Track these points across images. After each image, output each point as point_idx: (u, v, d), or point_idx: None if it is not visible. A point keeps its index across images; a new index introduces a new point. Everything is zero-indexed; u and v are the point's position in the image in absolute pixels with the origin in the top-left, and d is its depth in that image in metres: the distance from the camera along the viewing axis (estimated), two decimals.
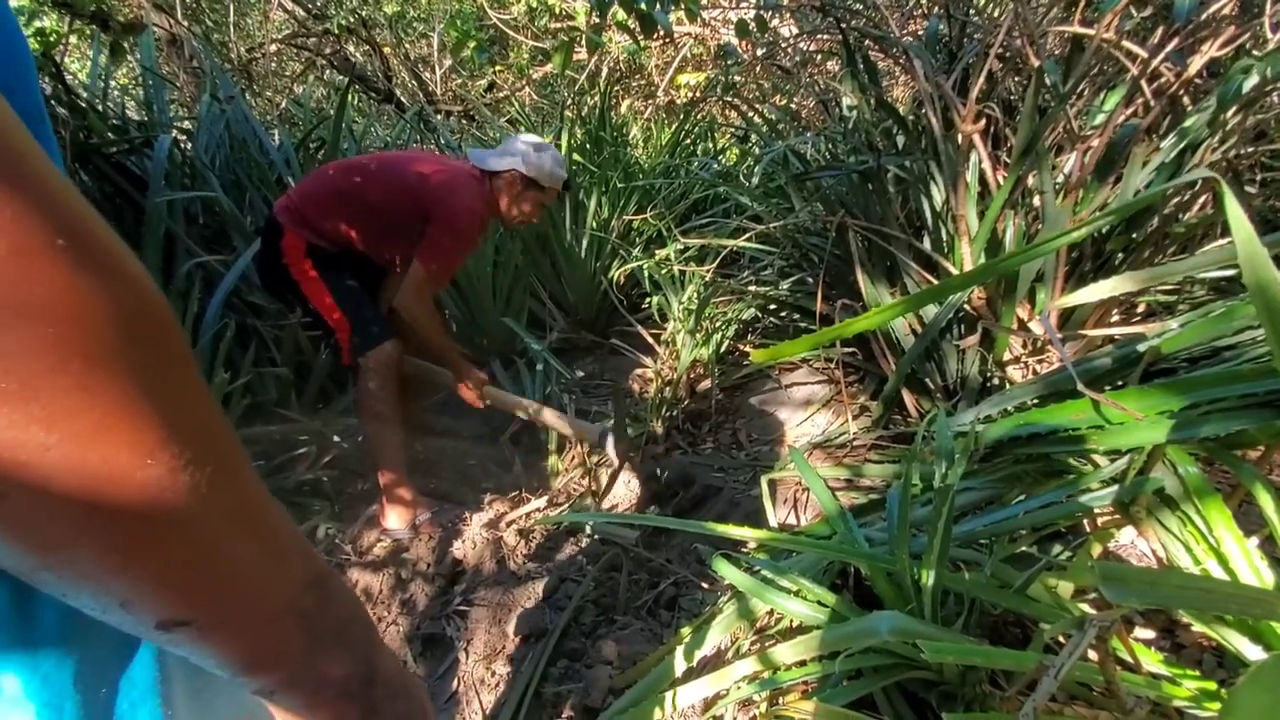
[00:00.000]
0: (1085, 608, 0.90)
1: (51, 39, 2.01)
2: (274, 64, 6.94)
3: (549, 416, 1.93)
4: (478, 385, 1.93)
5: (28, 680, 0.31)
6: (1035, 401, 1.08)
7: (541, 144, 1.87)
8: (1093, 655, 0.73)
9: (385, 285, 1.99)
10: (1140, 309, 1.64)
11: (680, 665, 1.05)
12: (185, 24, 5.06)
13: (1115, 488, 0.91)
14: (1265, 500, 0.84)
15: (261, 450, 1.94)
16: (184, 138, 2.56)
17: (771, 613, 1.16)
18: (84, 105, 2.17)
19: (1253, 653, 0.72)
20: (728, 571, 1.06)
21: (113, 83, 2.63)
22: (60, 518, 0.22)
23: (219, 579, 0.27)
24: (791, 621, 1.08)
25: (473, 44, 1.56)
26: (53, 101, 2.08)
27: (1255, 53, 1.65)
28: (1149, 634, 1.00)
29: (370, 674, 0.35)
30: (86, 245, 0.22)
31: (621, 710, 1.06)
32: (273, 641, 0.30)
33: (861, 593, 1.11)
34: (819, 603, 0.99)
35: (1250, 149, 1.56)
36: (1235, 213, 0.67)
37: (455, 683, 1.30)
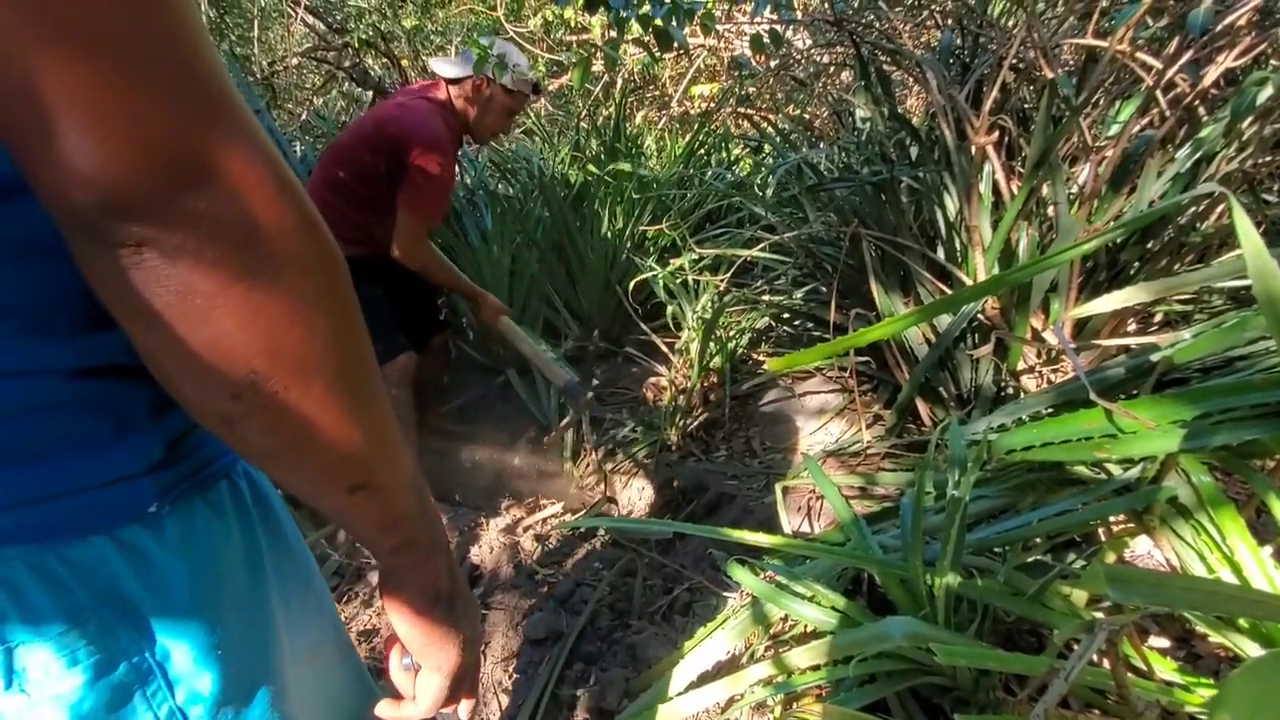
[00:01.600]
0: (1099, 615, 0.91)
1: None
2: (295, 77, 7.08)
3: (538, 358, 2.05)
4: (496, 312, 2.06)
5: (193, 595, 0.40)
6: (1049, 411, 1.09)
7: (502, 43, 1.79)
8: (1107, 665, 0.73)
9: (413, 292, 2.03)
10: (1157, 319, 1.64)
11: (695, 669, 1.07)
12: (212, 39, 5.18)
13: (1129, 496, 0.92)
14: (1278, 510, 0.85)
15: None
16: None
17: (785, 618, 1.17)
18: None
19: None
20: (743, 577, 1.08)
21: None
22: (301, 421, 0.32)
23: (381, 453, 0.37)
24: (805, 627, 1.09)
25: (495, 64, 1.59)
26: None
27: (1274, 62, 1.65)
28: (1164, 643, 1.00)
29: (451, 554, 0.47)
30: (299, 194, 0.31)
31: (636, 713, 1.07)
32: (407, 505, 0.41)
33: (875, 599, 1.12)
34: (833, 608, 1.00)
35: (1268, 158, 1.56)
36: (1244, 226, 0.69)
37: None
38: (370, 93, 3.99)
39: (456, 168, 1.81)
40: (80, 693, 0.35)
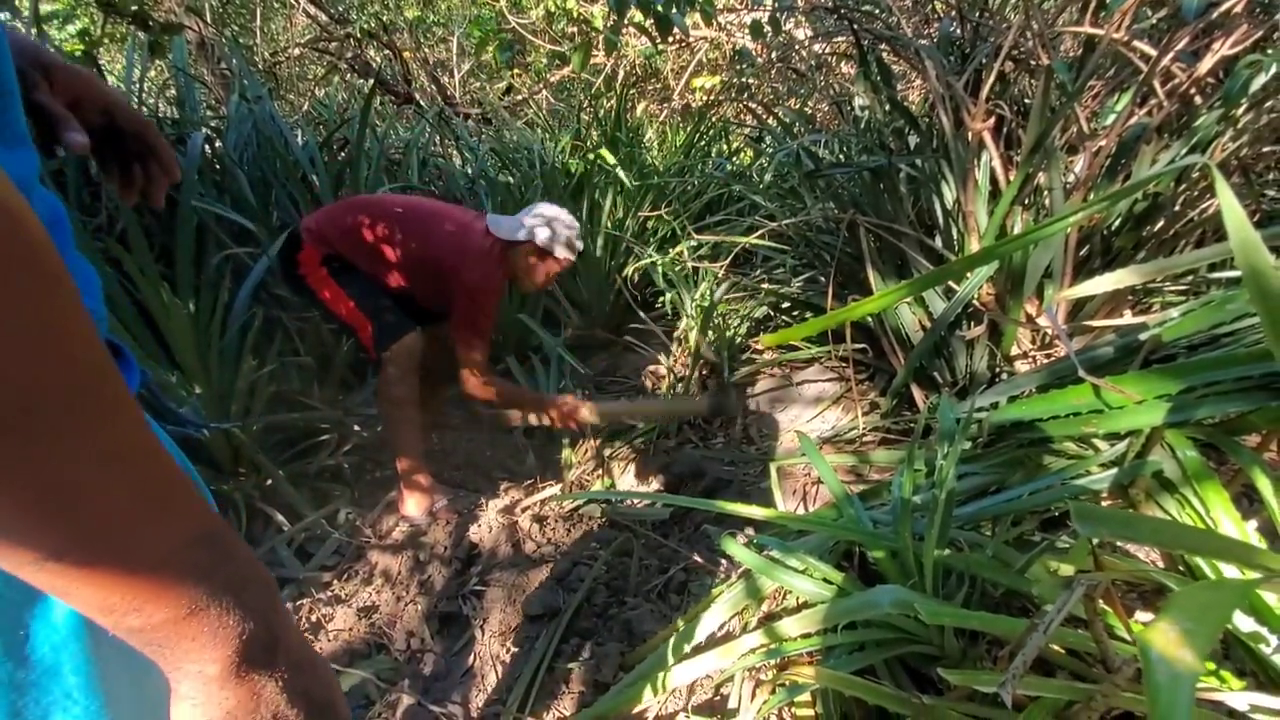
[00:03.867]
0: None
1: (94, 38, 2.10)
2: (297, 68, 7.08)
3: (653, 407, 2.00)
4: (575, 412, 1.99)
5: None
6: (1039, 389, 1.11)
7: (558, 217, 1.91)
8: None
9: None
10: (1154, 309, 1.66)
11: (689, 641, 1.09)
12: (214, 29, 5.20)
13: (1115, 471, 0.93)
14: (1263, 484, 0.86)
15: (285, 437, 2.01)
16: (214, 135, 2.64)
17: (779, 593, 1.19)
18: None
19: (1246, 624, 0.74)
20: (736, 550, 1.09)
21: (147, 84, 2.73)
22: None
23: (91, 518, 0.26)
24: (797, 600, 1.11)
25: (495, 44, 1.59)
26: None
27: (1269, 51, 1.66)
28: (1149, 616, 1.02)
29: (272, 640, 0.33)
30: None
31: (631, 684, 1.09)
32: (154, 591, 0.28)
33: (866, 573, 1.14)
34: (825, 580, 1.02)
35: (1270, 148, 1.56)
36: (1227, 198, 0.70)
37: (471, 658, 1.34)
38: (371, 81, 4.00)
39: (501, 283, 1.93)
40: None
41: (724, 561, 1.47)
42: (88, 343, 0.25)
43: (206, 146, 2.46)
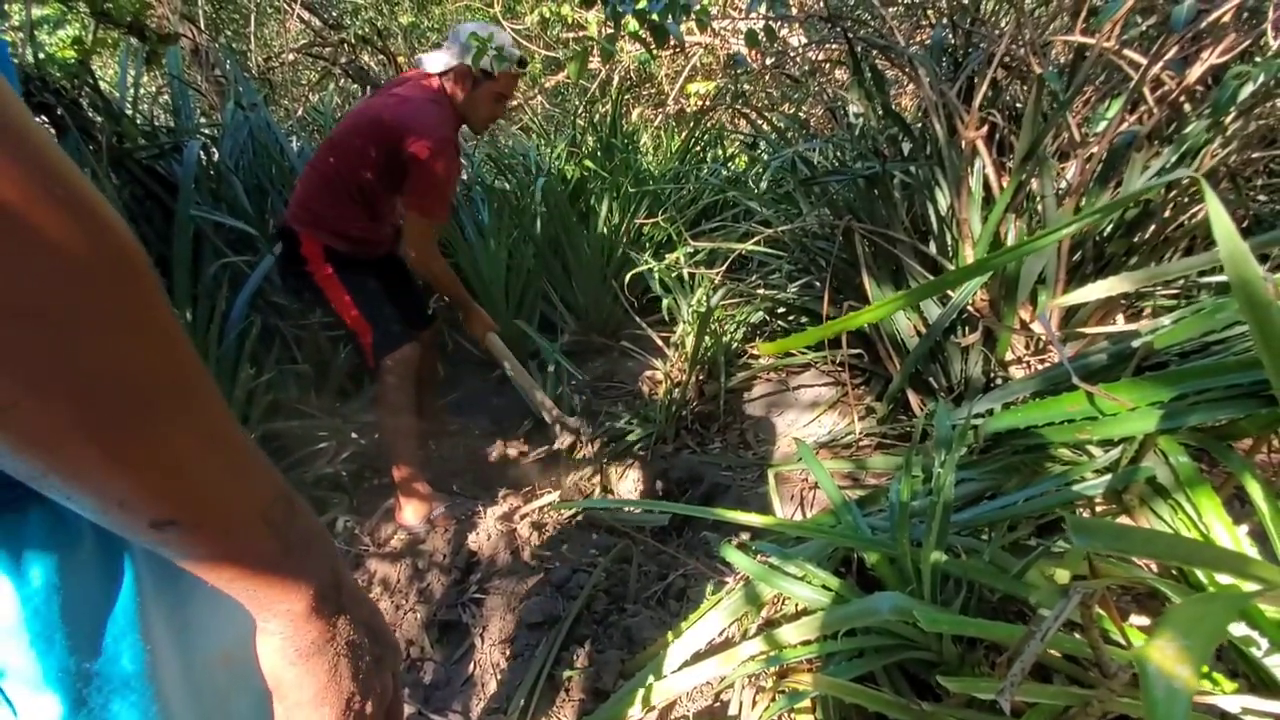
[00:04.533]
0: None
1: (88, 47, 2.10)
2: (291, 73, 7.08)
3: (524, 380, 2.13)
4: (485, 327, 2.09)
5: (22, 612, 0.36)
6: (1034, 395, 1.12)
7: (482, 27, 1.76)
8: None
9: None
10: (1146, 314, 1.67)
11: (689, 648, 1.09)
12: (207, 35, 5.19)
13: (1109, 477, 0.94)
14: (1254, 489, 0.88)
15: (283, 445, 2.00)
16: (209, 143, 2.64)
17: (777, 601, 1.20)
18: (118, 111, 2.25)
19: (1238, 629, 0.75)
20: (736, 557, 1.10)
21: (140, 90, 2.72)
22: (65, 426, 0.26)
23: (199, 485, 0.32)
24: (796, 606, 1.12)
25: (491, 53, 1.59)
26: (88, 107, 2.17)
27: (1258, 60, 1.68)
28: (1143, 620, 1.03)
29: (338, 581, 0.40)
30: (73, 193, 0.26)
31: (630, 691, 1.10)
32: (249, 544, 0.34)
33: (865, 580, 1.15)
34: (823, 587, 1.03)
35: (1258, 154, 1.58)
36: (1216, 210, 0.71)
37: (471, 666, 1.34)
38: (367, 89, 4.01)
39: (461, 160, 1.81)
40: None
41: (723, 567, 1.48)
42: (188, 342, 0.31)
43: (202, 154, 2.45)
